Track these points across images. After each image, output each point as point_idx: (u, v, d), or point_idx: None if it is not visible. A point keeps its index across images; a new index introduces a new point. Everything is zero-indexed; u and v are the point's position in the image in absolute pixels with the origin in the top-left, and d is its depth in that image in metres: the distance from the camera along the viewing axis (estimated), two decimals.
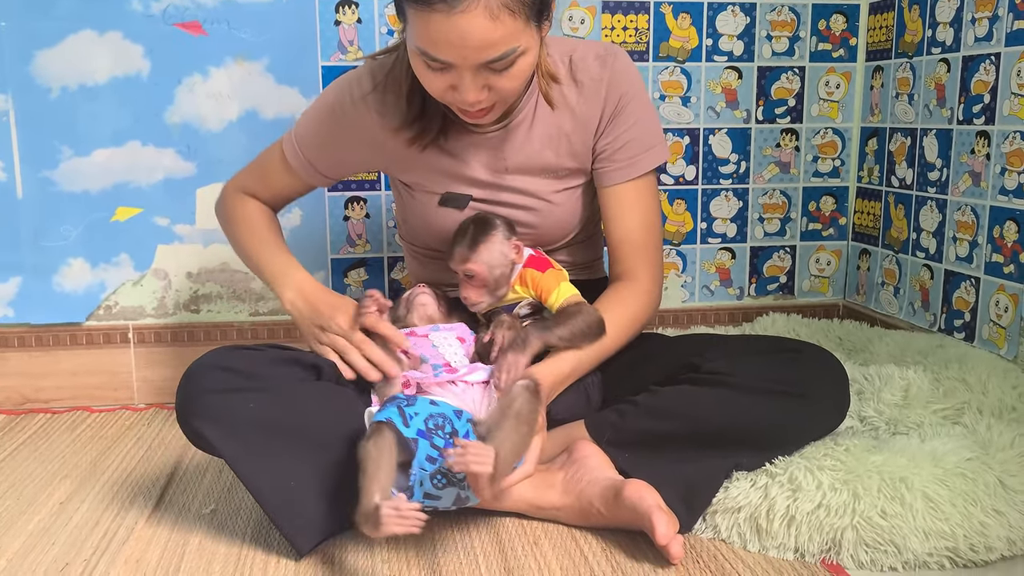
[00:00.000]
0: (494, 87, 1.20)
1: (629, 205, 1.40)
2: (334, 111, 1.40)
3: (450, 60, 1.15)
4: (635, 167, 1.39)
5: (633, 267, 1.40)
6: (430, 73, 1.19)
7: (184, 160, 1.87)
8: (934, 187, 1.85)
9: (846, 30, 2.06)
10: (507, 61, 1.16)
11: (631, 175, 1.39)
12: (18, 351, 1.87)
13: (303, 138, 1.44)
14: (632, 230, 1.39)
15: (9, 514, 1.36)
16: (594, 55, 1.37)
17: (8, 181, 1.82)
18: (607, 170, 1.40)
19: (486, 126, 1.36)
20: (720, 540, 1.25)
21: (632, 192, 1.40)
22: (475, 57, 1.14)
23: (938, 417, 1.45)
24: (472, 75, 1.17)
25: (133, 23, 1.80)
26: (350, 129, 1.39)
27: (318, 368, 1.30)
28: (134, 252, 1.89)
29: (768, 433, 1.25)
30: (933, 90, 1.84)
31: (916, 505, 1.18)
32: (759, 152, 2.07)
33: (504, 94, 1.22)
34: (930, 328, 1.87)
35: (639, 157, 1.39)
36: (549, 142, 1.38)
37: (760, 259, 2.13)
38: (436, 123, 1.34)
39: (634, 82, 1.38)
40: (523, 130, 1.37)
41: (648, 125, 1.40)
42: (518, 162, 1.38)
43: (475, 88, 1.18)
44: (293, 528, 1.21)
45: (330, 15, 1.86)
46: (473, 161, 1.38)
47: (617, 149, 1.38)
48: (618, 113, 1.37)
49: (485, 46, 1.13)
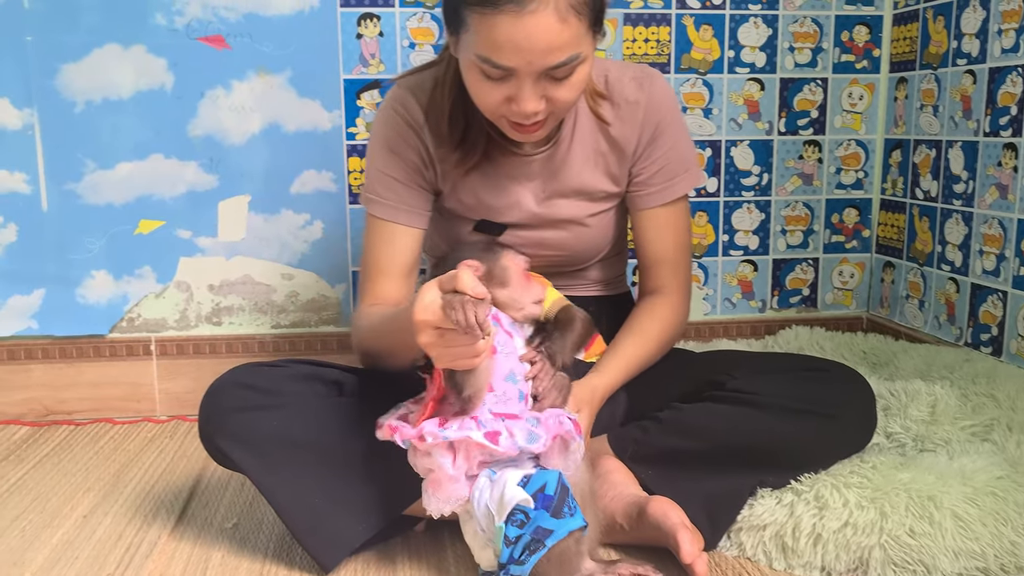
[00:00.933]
0: (552, 98, 1.17)
1: (664, 227, 1.40)
2: (395, 149, 1.35)
3: (514, 65, 1.12)
4: (671, 191, 1.39)
5: (666, 284, 1.40)
6: (487, 84, 1.16)
7: (207, 173, 1.88)
8: (960, 199, 1.83)
9: (869, 41, 2.04)
10: (569, 68, 1.14)
11: (667, 199, 1.39)
12: (42, 363, 1.88)
13: (385, 193, 1.36)
14: (667, 251, 1.40)
15: (33, 527, 1.36)
16: (630, 76, 1.36)
17: (33, 194, 1.83)
18: (643, 194, 1.39)
19: (528, 149, 1.35)
20: (745, 558, 1.24)
21: (667, 215, 1.40)
22: (540, 62, 1.12)
23: (966, 434, 1.43)
24: (532, 83, 1.14)
25: (157, 37, 1.81)
26: (414, 155, 1.35)
27: (340, 384, 1.30)
28: (157, 265, 1.90)
29: (794, 452, 1.24)
30: (959, 102, 1.82)
31: (945, 524, 1.16)
32: (781, 164, 2.06)
33: (560, 106, 1.19)
34: (956, 342, 1.85)
35: (675, 181, 1.39)
36: (586, 164, 1.37)
37: (783, 272, 2.11)
38: (480, 145, 1.32)
39: (672, 106, 1.38)
40: (561, 153, 1.36)
41: (684, 149, 1.40)
42: (556, 186, 1.37)
43: (534, 98, 1.15)
44: (318, 545, 1.21)
45: (352, 28, 1.87)
46: (512, 186, 1.36)
47: (654, 173, 1.38)
48: (656, 138, 1.36)
49: (551, 49, 1.11)
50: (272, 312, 1.95)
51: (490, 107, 1.20)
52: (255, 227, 1.91)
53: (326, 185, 1.91)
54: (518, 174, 1.36)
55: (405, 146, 1.34)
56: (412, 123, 1.33)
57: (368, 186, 1.37)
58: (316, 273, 1.95)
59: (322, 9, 1.85)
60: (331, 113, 1.89)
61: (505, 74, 1.14)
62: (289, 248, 1.93)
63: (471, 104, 1.26)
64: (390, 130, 1.34)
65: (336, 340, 1.95)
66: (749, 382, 1.27)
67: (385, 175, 1.34)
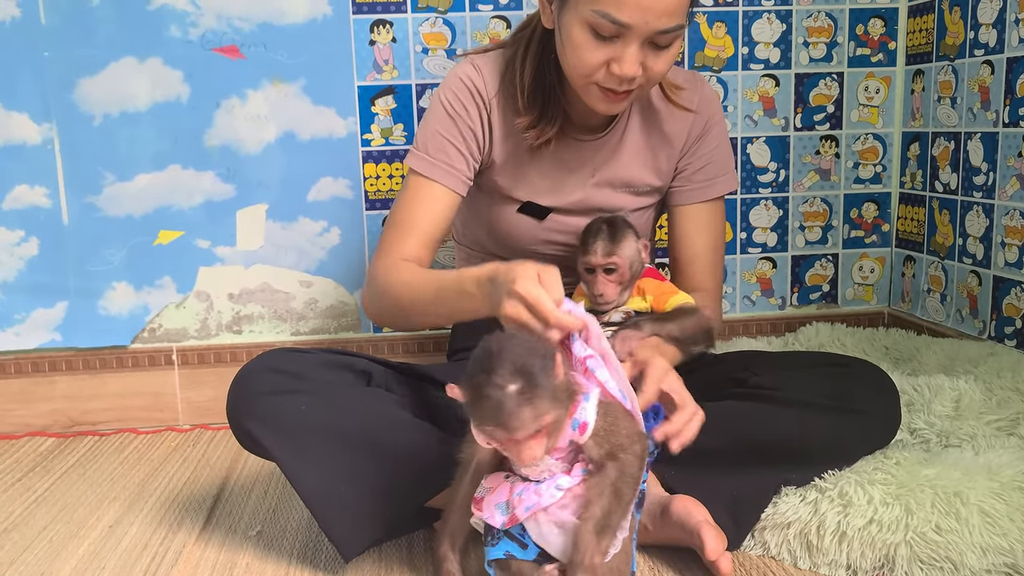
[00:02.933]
0: (648, 67, 1.22)
1: (702, 226, 1.45)
2: (454, 110, 1.37)
3: (632, 23, 1.17)
4: (712, 189, 1.45)
5: (702, 284, 1.44)
6: (593, 44, 1.21)
7: (224, 182, 1.89)
8: (980, 191, 1.81)
9: (885, 34, 2.03)
10: (673, 36, 1.21)
11: (707, 196, 1.45)
12: (66, 375, 1.90)
13: (433, 152, 1.36)
14: (703, 250, 1.44)
15: (60, 538, 1.38)
16: (683, 77, 1.43)
17: (54, 207, 1.85)
18: (684, 189, 1.45)
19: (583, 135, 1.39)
20: (770, 557, 1.23)
21: (706, 213, 1.45)
22: (655, 23, 1.17)
23: (992, 428, 1.41)
24: (638, 47, 1.20)
25: (172, 49, 1.83)
26: (473, 124, 1.37)
27: (368, 374, 1.31)
28: (176, 275, 1.91)
29: (818, 449, 1.23)
30: (977, 93, 1.81)
31: (972, 520, 1.15)
32: (798, 160, 2.05)
33: (653, 76, 1.24)
34: (979, 336, 1.83)
35: (716, 180, 1.45)
36: (636, 156, 1.42)
37: (802, 268, 2.10)
38: (558, 122, 1.35)
39: (719, 108, 1.46)
40: (613, 142, 1.41)
41: (726, 152, 1.47)
42: (604, 174, 1.41)
43: (636, 62, 1.20)
44: (340, 532, 1.21)
45: (365, 35, 1.88)
46: (562, 169, 1.40)
47: (697, 170, 1.44)
48: (704, 135, 1.43)
49: (668, 12, 1.17)
50: (291, 319, 1.96)
51: (588, 69, 1.23)
52: (273, 235, 1.92)
53: (342, 192, 1.92)
54: (570, 158, 1.40)
55: (467, 114, 1.37)
56: (480, 94, 1.37)
57: (419, 144, 1.38)
58: (334, 280, 1.95)
59: (335, 17, 1.86)
60: (346, 120, 1.89)
61: (617, 33, 1.19)
62: (307, 255, 1.93)
63: (549, 81, 1.33)
64: (455, 96, 1.37)
65: (355, 346, 1.96)
66: (771, 379, 1.26)
67: (441, 136, 1.37)
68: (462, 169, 1.38)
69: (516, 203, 1.41)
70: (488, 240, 1.47)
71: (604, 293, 1.29)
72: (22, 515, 1.47)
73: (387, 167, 1.92)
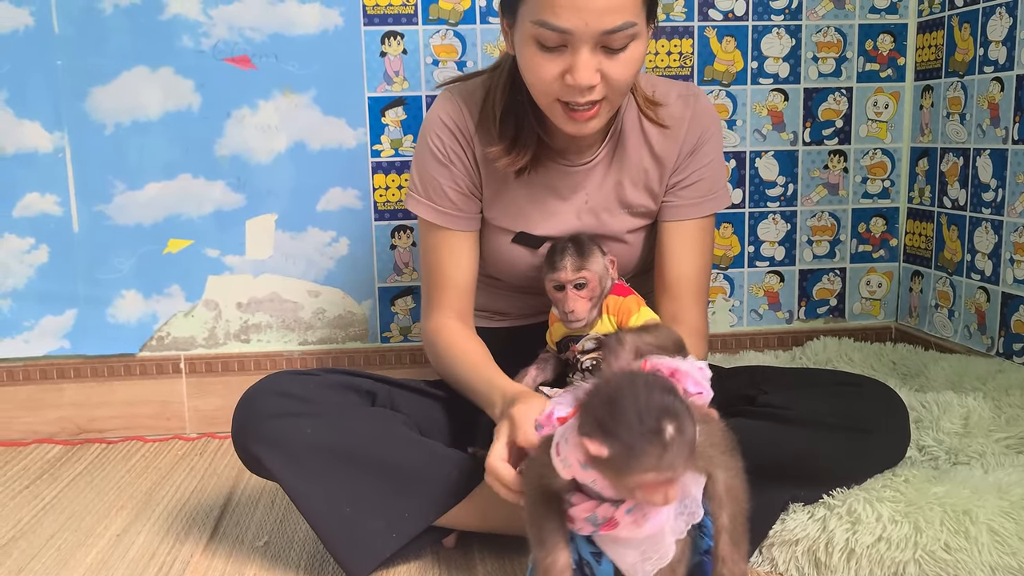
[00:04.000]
0: (606, 74, 1.18)
1: (691, 243, 1.39)
2: (444, 155, 1.36)
3: (571, 27, 1.14)
4: (703, 206, 1.40)
5: (687, 307, 1.38)
6: (543, 58, 1.18)
7: (234, 192, 1.89)
8: (989, 208, 1.81)
9: (894, 50, 2.03)
10: (624, 35, 1.16)
11: (698, 213, 1.39)
12: (74, 382, 1.90)
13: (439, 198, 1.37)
14: (691, 269, 1.39)
15: (68, 546, 1.38)
16: (677, 93, 1.38)
17: (64, 216, 1.86)
18: (675, 205, 1.39)
19: (572, 160, 1.36)
20: (778, 573, 1.23)
21: (696, 231, 1.40)
22: (596, 23, 1.14)
23: (1001, 446, 1.41)
24: (589, 52, 1.16)
25: (184, 59, 1.83)
26: (461, 163, 1.36)
27: (373, 394, 1.31)
28: (185, 283, 1.92)
29: (827, 469, 1.23)
30: (986, 109, 1.81)
31: (981, 539, 1.15)
32: (807, 174, 2.05)
33: (614, 85, 1.20)
34: (987, 352, 1.83)
35: (707, 198, 1.40)
36: (628, 178, 1.38)
37: (809, 282, 2.10)
38: (531, 147, 1.33)
39: (714, 123, 1.40)
40: (604, 165, 1.38)
41: (720, 168, 1.42)
42: (597, 199, 1.38)
43: (590, 68, 1.16)
44: (348, 554, 1.21)
45: (376, 46, 1.88)
46: (554, 197, 1.38)
47: (689, 185, 1.39)
48: (696, 150, 1.38)
49: (608, 10, 1.13)
50: (300, 329, 1.96)
51: (544, 85, 1.20)
52: (282, 245, 1.92)
53: (351, 202, 1.92)
54: (561, 186, 1.37)
55: (455, 156, 1.36)
56: (462, 131, 1.35)
57: (420, 190, 1.38)
58: (342, 290, 1.96)
59: (346, 28, 1.86)
60: (356, 131, 1.90)
61: (562, 41, 1.16)
62: (316, 265, 1.94)
63: (522, 106, 1.31)
64: (441, 141, 1.36)
65: (363, 356, 1.96)
66: (781, 397, 1.26)
67: (439, 184, 1.36)
68: (470, 210, 1.38)
69: (509, 234, 1.40)
70: (487, 266, 1.46)
71: (575, 310, 1.27)
72: (30, 523, 1.47)
73: (396, 178, 1.92)
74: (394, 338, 1.99)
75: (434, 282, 1.40)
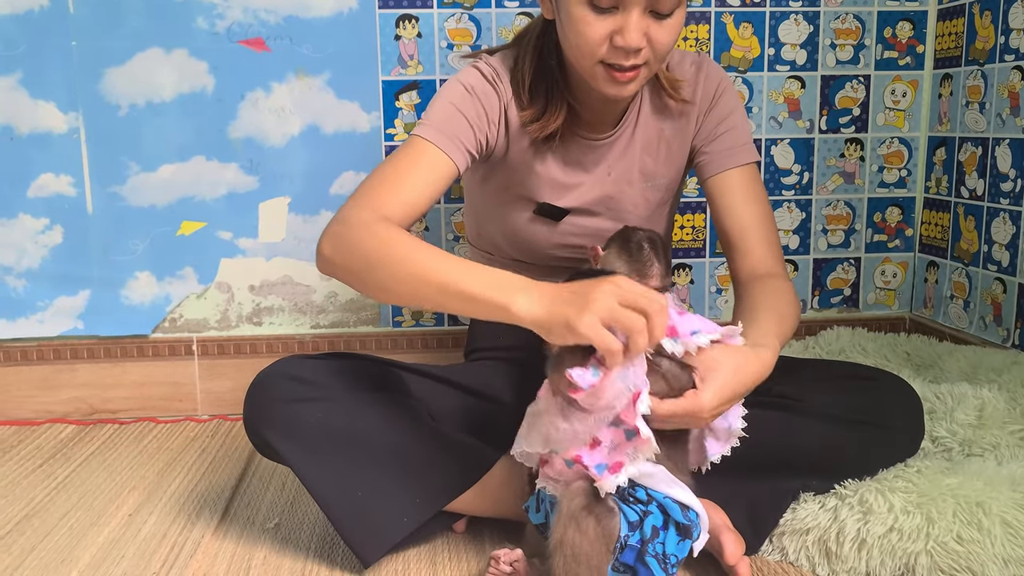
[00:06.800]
0: (652, 38, 1.19)
1: (743, 194, 1.35)
2: (475, 91, 1.31)
3: None
4: (738, 154, 1.37)
5: (760, 258, 1.32)
6: (592, 18, 1.17)
7: (247, 175, 1.89)
8: (1007, 198, 1.80)
9: (913, 37, 2.01)
10: (673, 3, 1.17)
11: (737, 162, 1.37)
12: (87, 362, 1.91)
13: (443, 122, 1.29)
14: (751, 219, 1.34)
15: (80, 525, 1.39)
16: (690, 61, 1.40)
17: (79, 197, 1.86)
18: (710, 159, 1.38)
19: (595, 134, 1.36)
20: (788, 563, 1.23)
21: (743, 180, 1.36)
22: None
23: (1015, 439, 1.40)
24: (640, 14, 1.16)
25: (199, 41, 1.83)
26: (489, 108, 1.32)
27: (384, 379, 1.31)
28: (198, 265, 1.92)
29: (840, 461, 1.22)
30: (1006, 99, 1.79)
31: (995, 531, 1.14)
32: (822, 162, 2.04)
33: (658, 49, 1.20)
34: (1003, 344, 1.82)
35: (742, 147, 1.38)
36: (648, 148, 1.39)
37: (824, 271, 2.09)
38: (562, 113, 1.32)
39: (725, 78, 1.41)
40: (626, 137, 1.38)
41: (744, 120, 1.41)
42: (620, 171, 1.39)
43: (640, 30, 1.17)
44: (358, 538, 1.21)
45: (390, 30, 1.87)
46: (578, 169, 1.38)
47: (718, 137, 1.38)
48: (714, 105, 1.39)
49: None
50: (312, 312, 1.96)
51: (592, 46, 1.19)
52: (295, 228, 1.92)
53: None
54: (586, 160, 1.38)
55: (486, 96, 1.32)
56: (499, 83, 1.33)
57: (428, 116, 1.30)
58: None
59: (360, 11, 1.86)
60: (370, 115, 1.89)
61: (615, 3, 1.16)
62: None
63: (552, 72, 1.31)
64: (477, 79, 1.32)
65: (374, 340, 1.96)
66: (796, 389, 1.25)
67: (455, 108, 1.29)
68: (469, 145, 1.29)
69: (531, 205, 1.40)
70: (504, 243, 1.46)
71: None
72: (43, 502, 1.48)
73: None
74: (406, 322, 1.99)
75: (387, 182, 1.24)
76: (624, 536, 1.03)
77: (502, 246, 1.47)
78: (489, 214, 1.46)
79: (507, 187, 1.40)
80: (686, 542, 1.06)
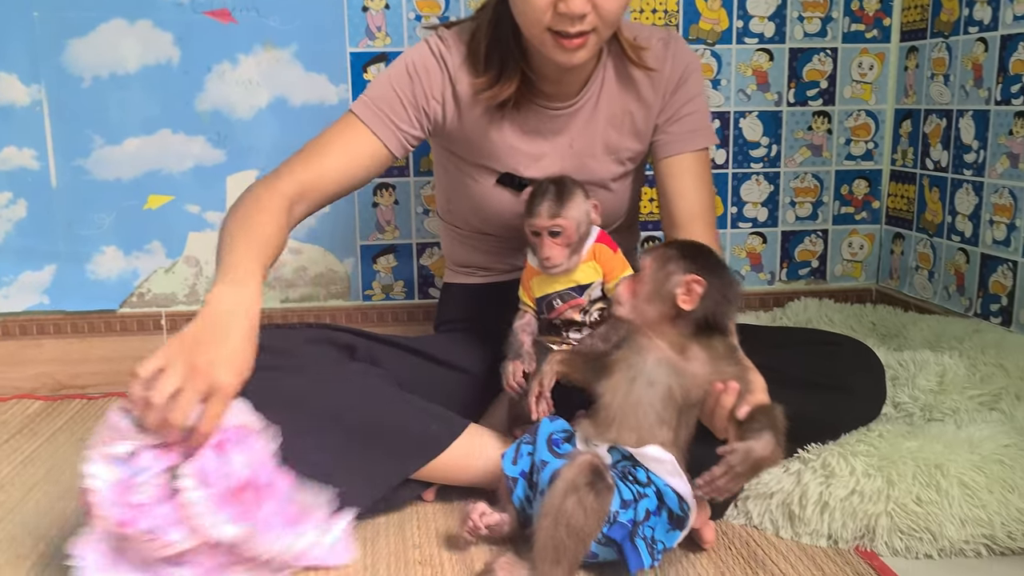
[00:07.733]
0: (597, 4, 1.19)
1: (693, 177, 1.40)
2: (415, 69, 1.35)
3: None
4: (696, 139, 1.41)
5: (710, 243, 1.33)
6: None
7: (214, 148, 1.88)
8: (970, 169, 1.82)
9: (880, 10, 2.02)
10: None
11: (693, 146, 1.40)
12: (54, 338, 1.89)
13: (379, 97, 1.34)
14: (700, 204, 1.39)
15: (48, 499, 1.38)
16: (657, 38, 1.40)
17: (42, 170, 1.84)
18: (668, 141, 1.40)
19: (556, 104, 1.36)
20: (752, 526, 1.24)
21: (695, 164, 1.41)
22: None
23: (974, 403, 1.43)
24: None
25: (163, 12, 1.81)
26: (428, 85, 1.35)
27: (353, 349, 1.31)
28: (166, 240, 1.90)
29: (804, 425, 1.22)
30: (970, 70, 1.81)
31: (952, 492, 1.16)
32: (790, 135, 2.05)
33: (605, 15, 1.20)
34: (965, 313, 1.85)
35: (699, 132, 1.41)
36: (613, 120, 1.40)
37: (791, 243, 2.11)
38: (514, 81, 1.32)
39: (694, 60, 1.42)
40: (589, 109, 1.38)
41: (705, 105, 1.44)
42: (583, 143, 1.39)
43: None
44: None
45: (358, 1, 1.86)
46: (539, 139, 1.38)
47: (679, 119, 1.41)
48: (680, 86, 1.40)
49: None
50: (280, 286, 1.95)
51: (537, 12, 1.20)
52: None
53: None
54: (546, 129, 1.38)
55: (428, 77, 1.35)
56: (445, 62, 1.35)
57: (367, 91, 1.35)
58: (324, 247, 1.95)
59: None
60: (338, 87, 1.88)
61: None
62: None
63: (507, 41, 1.31)
64: (420, 60, 1.35)
65: (344, 314, 1.96)
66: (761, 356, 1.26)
67: (393, 90, 1.34)
68: (403, 127, 1.34)
69: (494, 175, 1.40)
70: (472, 216, 1.46)
71: (551, 256, 1.25)
72: (9, 475, 1.47)
73: None
74: (376, 296, 1.99)
75: (307, 152, 1.31)
76: (614, 512, 1.04)
77: (470, 219, 1.47)
78: (455, 186, 1.46)
79: (467, 156, 1.40)
80: (676, 532, 1.08)
